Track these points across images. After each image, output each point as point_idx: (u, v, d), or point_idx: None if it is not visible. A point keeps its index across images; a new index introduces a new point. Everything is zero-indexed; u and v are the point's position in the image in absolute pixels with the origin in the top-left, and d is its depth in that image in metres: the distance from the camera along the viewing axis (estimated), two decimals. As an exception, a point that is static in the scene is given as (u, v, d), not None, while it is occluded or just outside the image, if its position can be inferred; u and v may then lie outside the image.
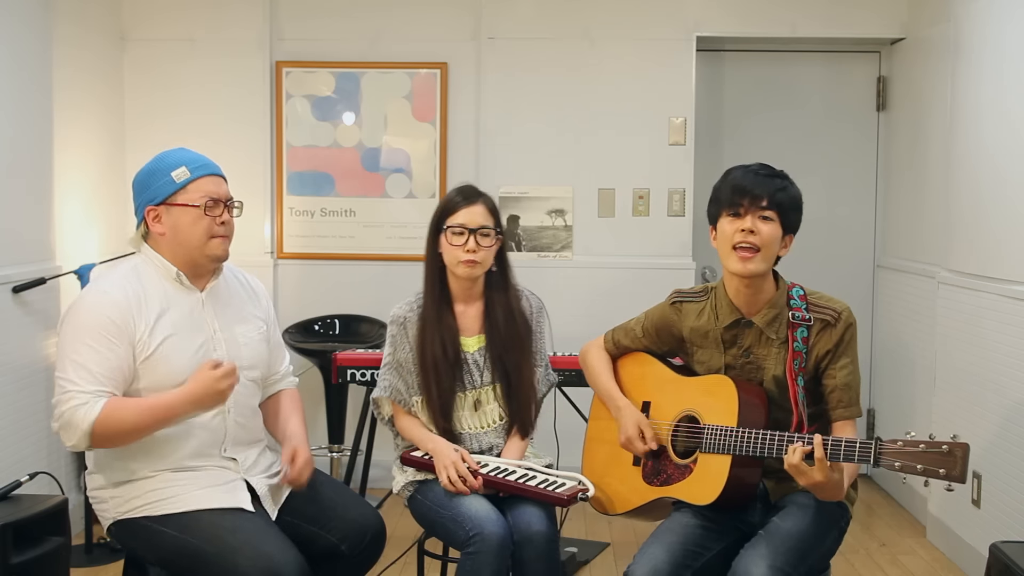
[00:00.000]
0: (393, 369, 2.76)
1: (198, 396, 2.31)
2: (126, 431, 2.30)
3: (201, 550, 2.29)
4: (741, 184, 2.38)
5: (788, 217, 2.38)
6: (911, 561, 3.91)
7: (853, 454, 2.14)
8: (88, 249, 4.24)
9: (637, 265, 4.73)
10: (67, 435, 2.29)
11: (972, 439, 3.68)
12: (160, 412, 2.31)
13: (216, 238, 2.44)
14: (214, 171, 2.47)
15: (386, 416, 2.82)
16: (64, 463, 3.98)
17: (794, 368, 2.37)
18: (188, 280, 2.46)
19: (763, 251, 2.35)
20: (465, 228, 2.70)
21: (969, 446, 2.05)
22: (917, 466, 2.07)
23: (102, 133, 4.48)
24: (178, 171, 2.41)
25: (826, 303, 2.42)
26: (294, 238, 4.81)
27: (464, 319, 2.78)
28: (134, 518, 2.38)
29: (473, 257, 2.69)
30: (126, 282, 2.39)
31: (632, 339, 2.67)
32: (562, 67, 4.72)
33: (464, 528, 2.48)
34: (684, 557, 2.30)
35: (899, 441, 2.09)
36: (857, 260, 4.93)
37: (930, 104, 4.30)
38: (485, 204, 2.75)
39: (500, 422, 2.80)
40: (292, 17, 4.75)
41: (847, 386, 2.38)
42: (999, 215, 3.53)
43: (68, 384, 2.29)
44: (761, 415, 2.37)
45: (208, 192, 2.43)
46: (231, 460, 2.47)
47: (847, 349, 2.39)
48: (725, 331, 2.46)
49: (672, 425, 2.50)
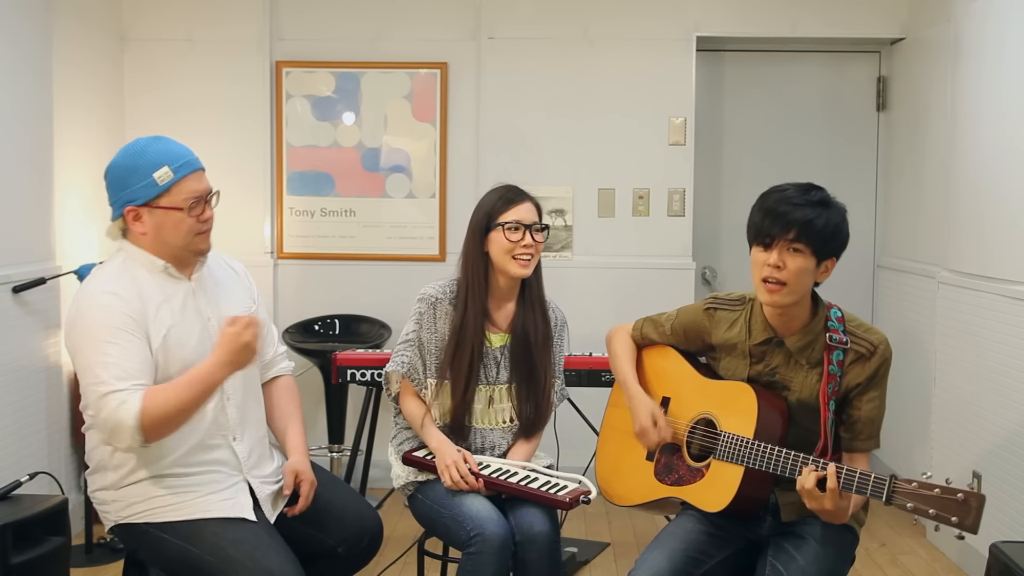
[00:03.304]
0: (415, 347, 2.74)
1: (229, 354, 2.27)
2: (172, 414, 2.25)
3: (203, 561, 2.28)
4: (773, 211, 2.26)
5: (822, 247, 2.26)
6: (911, 561, 3.91)
7: (866, 488, 2.10)
8: (88, 249, 4.23)
9: (637, 265, 4.72)
10: (119, 439, 2.24)
11: (972, 439, 3.70)
12: (199, 383, 2.27)
13: (200, 234, 2.42)
14: (196, 167, 2.41)
15: (393, 392, 2.81)
16: (64, 463, 3.98)
17: (827, 392, 2.31)
18: (176, 271, 2.44)
19: (790, 285, 2.26)
20: (521, 224, 2.70)
21: (985, 497, 2.00)
22: (930, 510, 2.02)
23: (102, 132, 4.47)
24: (160, 172, 2.34)
25: (863, 333, 2.35)
26: (294, 238, 4.81)
27: (496, 315, 2.78)
28: (136, 523, 2.37)
29: (531, 251, 2.70)
30: (121, 279, 2.37)
31: (660, 334, 2.63)
32: (562, 67, 4.72)
33: (465, 528, 2.48)
34: (686, 564, 2.29)
35: (914, 482, 2.04)
36: (857, 260, 4.92)
37: (930, 104, 4.30)
38: (532, 202, 2.78)
39: (510, 423, 2.80)
40: (292, 17, 4.75)
41: (871, 420, 2.33)
42: (999, 215, 3.53)
43: (102, 387, 2.23)
44: (779, 430, 2.32)
45: (192, 192, 2.37)
46: (234, 457, 2.45)
47: (879, 384, 2.34)
48: (755, 347, 2.41)
49: (689, 425, 2.47)
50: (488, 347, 2.76)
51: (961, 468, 3.80)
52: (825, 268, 2.32)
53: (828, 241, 2.28)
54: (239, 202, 4.63)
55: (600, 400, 3.74)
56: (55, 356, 3.92)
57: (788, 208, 2.25)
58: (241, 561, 2.25)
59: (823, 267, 2.31)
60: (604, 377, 3.81)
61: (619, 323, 2.76)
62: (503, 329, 2.78)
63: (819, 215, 2.26)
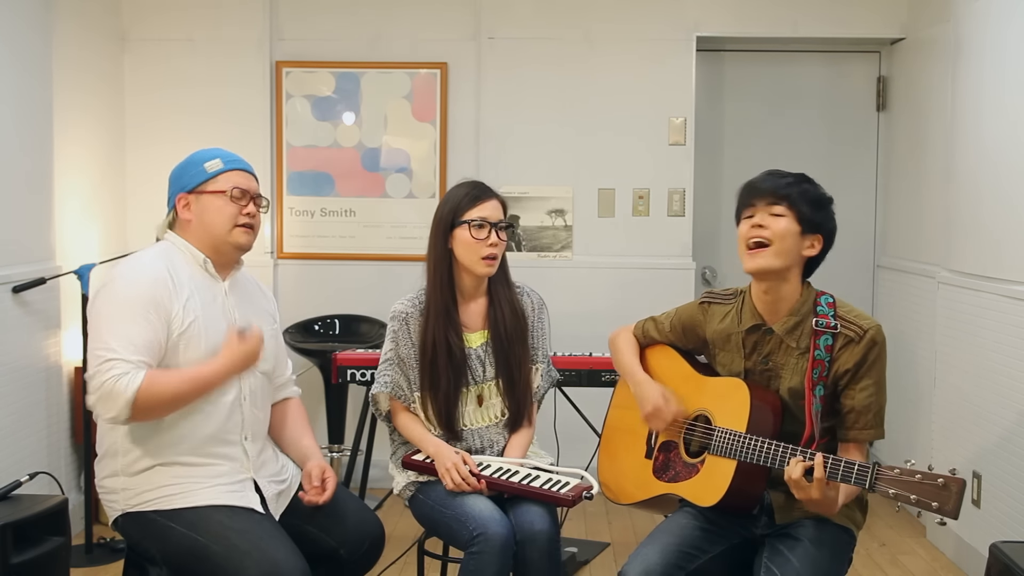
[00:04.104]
0: (395, 365, 2.75)
1: (232, 363, 2.40)
2: (167, 401, 2.32)
3: (208, 549, 2.29)
4: (752, 184, 2.37)
5: (805, 212, 2.30)
6: (911, 561, 3.91)
7: (851, 476, 2.11)
8: (88, 249, 4.24)
9: (637, 265, 4.73)
10: (107, 406, 2.28)
11: (972, 439, 3.70)
12: (199, 381, 2.36)
13: (240, 227, 2.50)
14: (246, 167, 2.57)
15: (383, 412, 2.82)
16: (64, 463, 3.99)
17: (813, 377, 2.30)
18: (213, 268, 2.51)
19: (774, 245, 2.30)
20: (487, 222, 2.69)
21: (965, 482, 2.01)
22: (911, 496, 2.03)
23: (102, 133, 4.48)
24: (211, 162, 2.51)
25: (854, 318, 2.33)
26: (294, 238, 4.81)
27: (467, 315, 2.77)
28: (143, 511, 2.39)
29: (495, 251, 2.70)
30: (160, 261, 2.44)
31: (660, 332, 2.66)
32: (562, 67, 4.72)
33: (468, 528, 2.48)
34: (678, 558, 2.30)
35: (896, 468, 2.06)
36: (857, 260, 4.92)
37: (930, 104, 4.30)
38: (499, 199, 2.76)
39: (503, 418, 2.80)
40: (292, 17, 4.75)
41: (866, 408, 2.31)
42: (999, 215, 3.53)
43: (108, 353, 2.28)
44: (772, 423, 2.33)
45: (237, 183, 2.51)
46: (244, 455, 2.48)
47: (871, 370, 2.31)
48: (746, 336, 2.43)
49: (685, 423, 2.50)
50: (469, 348, 2.75)
51: (961, 468, 3.80)
52: (811, 244, 2.33)
53: (811, 207, 2.32)
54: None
55: (600, 400, 3.75)
56: (55, 356, 3.92)
57: (769, 178, 2.35)
58: (247, 551, 2.26)
59: (809, 241, 2.33)
60: (604, 377, 3.80)
61: (619, 323, 2.78)
62: (479, 327, 2.78)
63: (798, 183, 2.34)
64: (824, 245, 2.36)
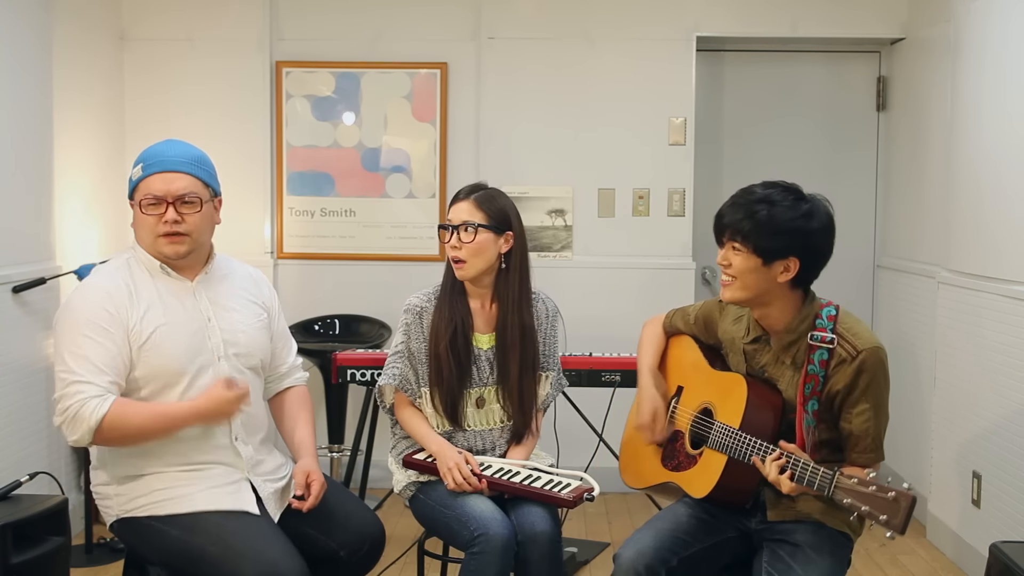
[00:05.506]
0: (404, 358, 2.75)
1: (206, 411, 2.35)
2: (131, 433, 2.31)
3: (204, 552, 2.28)
4: (717, 215, 2.35)
5: (762, 244, 2.23)
6: (911, 561, 3.91)
7: (815, 481, 2.14)
8: (88, 249, 4.23)
9: (637, 265, 4.72)
10: (72, 429, 2.27)
11: (972, 439, 3.70)
12: (167, 419, 2.34)
13: (162, 237, 2.39)
14: (167, 167, 2.38)
15: (388, 404, 2.82)
16: (64, 463, 3.98)
17: (805, 392, 2.29)
18: (174, 272, 2.46)
19: (738, 280, 2.29)
20: (449, 224, 2.72)
21: (915, 498, 2.00)
22: (863, 507, 2.03)
23: (102, 133, 4.48)
24: (135, 169, 2.41)
25: (850, 336, 2.27)
26: (294, 238, 4.81)
27: (479, 316, 2.78)
28: (138, 517, 2.38)
29: (457, 254, 2.69)
30: (118, 274, 2.41)
31: (685, 324, 2.68)
32: (562, 67, 4.72)
33: (469, 528, 2.48)
34: (672, 544, 2.35)
35: (855, 478, 2.06)
36: (857, 260, 4.92)
37: (930, 104, 4.30)
38: (475, 200, 2.72)
39: (506, 423, 2.79)
40: (292, 17, 4.75)
41: (864, 433, 2.27)
42: (999, 215, 3.53)
43: (71, 376, 2.28)
44: (768, 421, 2.34)
45: (150, 191, 2.37)
46: (237, 456, 2.46)
47: (865, 394, 2.26)
48: (747, 344, 2.45)
49: (693, 415, 2.53)
50: (478, 349, 2.75)
51: (961, 468, 3.80)
52: (784, 268, 2.27)
53: (770, 236, 2.23)
54: (239, 202, 4.62)
55: (600, 400, 3.76)
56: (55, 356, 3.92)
57: (726, 210, 2.32)
58: (243, 552, 2.25)
59: (780, 266, 2.27)
60: (604, 377, 3.80)
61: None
62: (489, 329, 2.78)
63: (751, 215, 2.25)
64: (805, 262, 2.28)
